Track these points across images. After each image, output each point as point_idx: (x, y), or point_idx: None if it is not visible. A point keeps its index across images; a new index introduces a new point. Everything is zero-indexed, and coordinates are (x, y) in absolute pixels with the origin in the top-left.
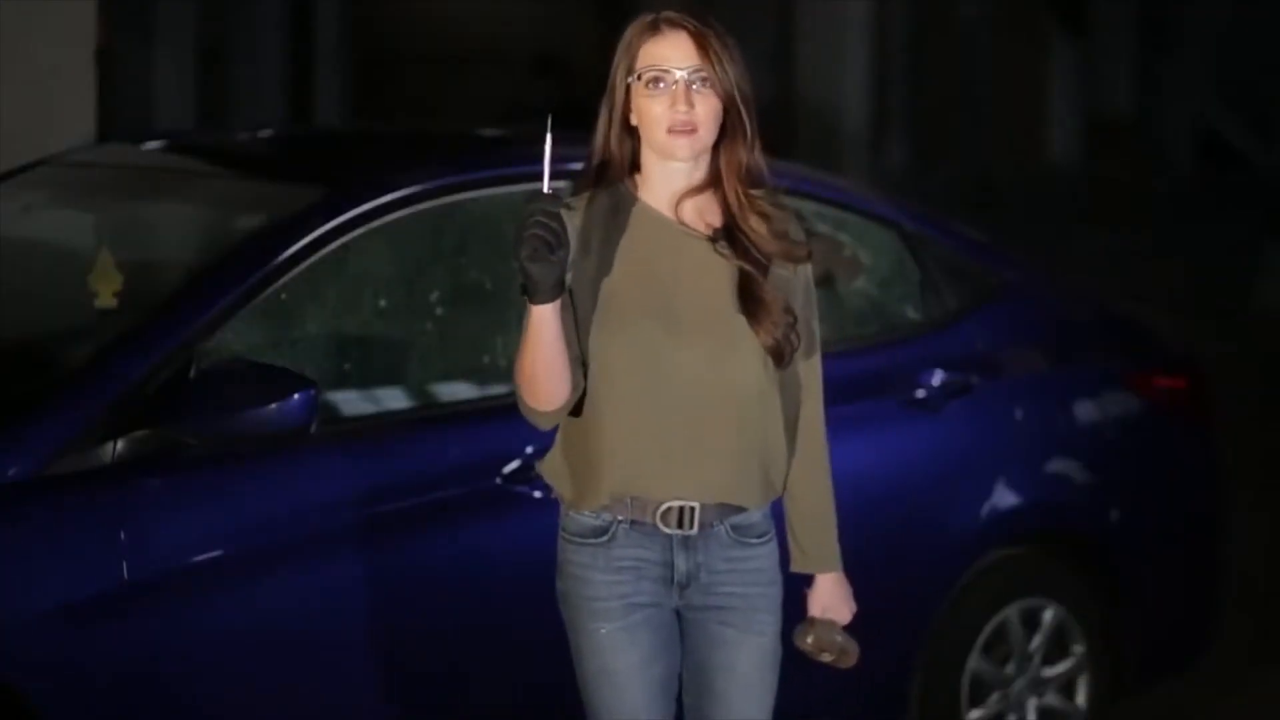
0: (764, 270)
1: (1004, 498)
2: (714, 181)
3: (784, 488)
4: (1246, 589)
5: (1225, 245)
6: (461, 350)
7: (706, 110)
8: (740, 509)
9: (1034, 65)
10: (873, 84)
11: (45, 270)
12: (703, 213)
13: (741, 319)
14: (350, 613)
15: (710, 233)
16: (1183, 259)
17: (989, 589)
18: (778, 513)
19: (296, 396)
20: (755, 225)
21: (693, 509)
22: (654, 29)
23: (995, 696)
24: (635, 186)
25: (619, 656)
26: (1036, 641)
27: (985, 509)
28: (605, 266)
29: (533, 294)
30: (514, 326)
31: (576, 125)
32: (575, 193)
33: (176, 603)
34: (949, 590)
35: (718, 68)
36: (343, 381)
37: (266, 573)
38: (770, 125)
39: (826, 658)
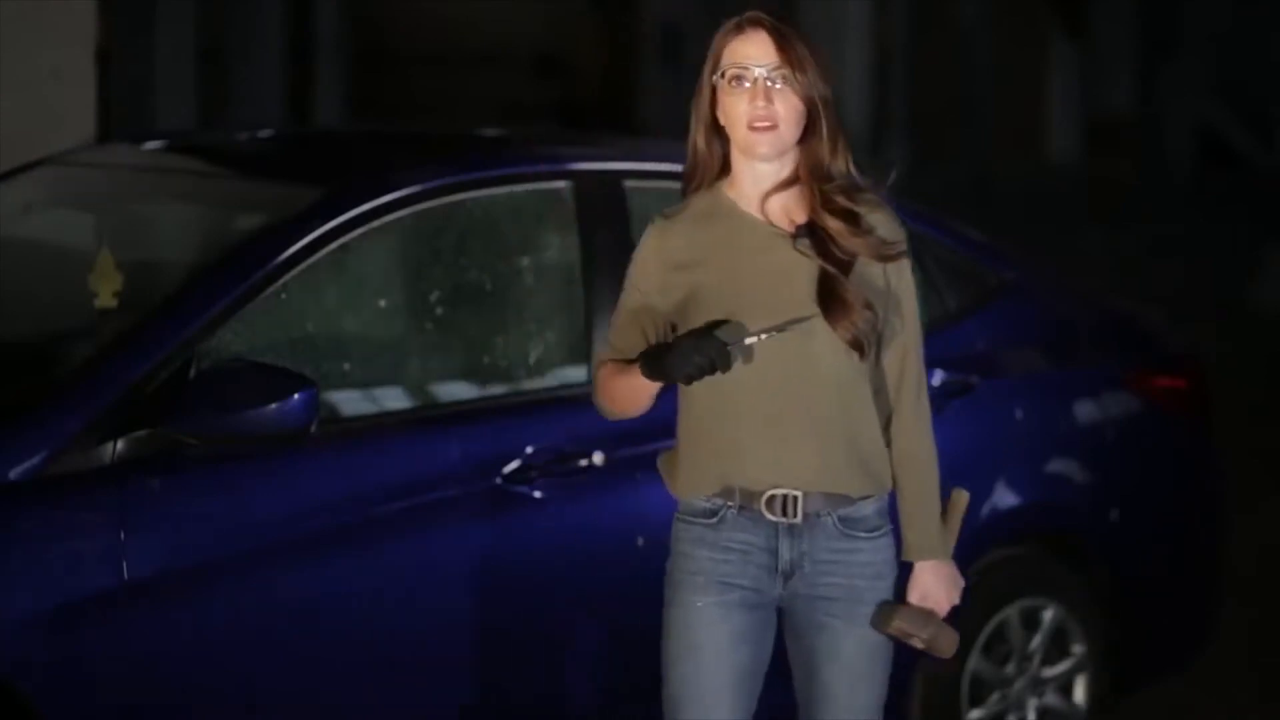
0: (845, 267)
1: (1004, 498)
2: (800, 180)
3: (883, 480)
4: (1246, 588)
5: (1225, 245)
6: (461, 350)
7: (786, 108)
8: (847, 500)
9: (1034, 65)
10: (873, 84)
11: (45, 270)
12: (789, 211)
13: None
14: (350, 613)
15: (793, 230)
16: (1182, 259)
17: (989, 589)
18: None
19: (296, 396)
20: (833, 224)
21: (795, 497)
22: (738, 30)
23: (995, 696)
24: (728, 187)
25: (708, 632)
26: (1036, 641)
27: (985, 509)
28: (699, 267)
29: (653, 379)
30: (514, 326)
31: (577, 125)
32: (683, 196)
33: (176, 603)
34: None
35: (796, 68)
36: (343, 381)
37: (266, 573)
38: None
39: (917, 644)
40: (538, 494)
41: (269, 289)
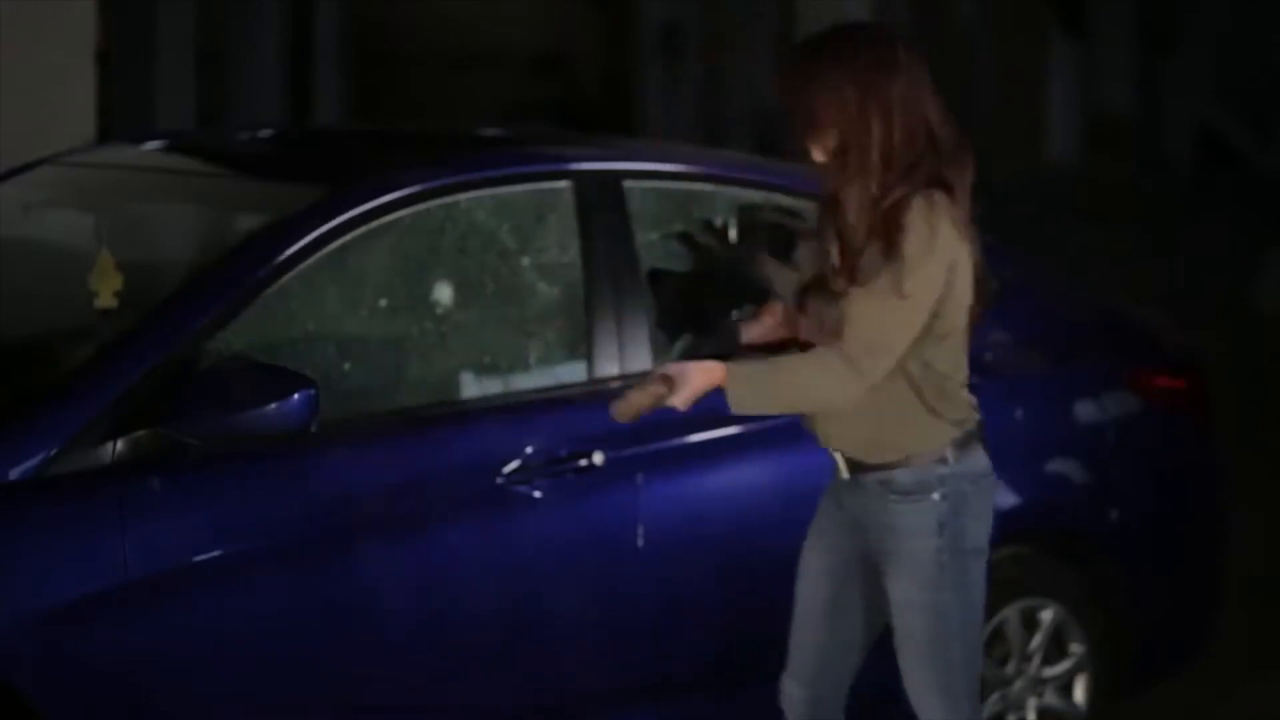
0: (857, 250)
1: (1004, 497)
2: None
3: (916, 448)
4: (1246, 589)
5: (1225, 245)
6: (461, 350)
7: None
8: (876, 465)
9: (1034, 65)
10: None
11: (45, 270)
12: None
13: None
14: (350, 612)
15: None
16: (1182, 259)
17: (989, 589)
18: None
19: (296, 396)
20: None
21: (837, 456)
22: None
23: (995, 696)
24: None
25: (805, 568)
26: (1036, 641)
27: None
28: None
29: None
30: (513, 326)
31: (577, 125)
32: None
33: (177, 602)
34: None
35: None
36: (343, 381)
37: (266, 573)
38: (770, 126)
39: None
40: (538, 494)
41: (269, 289)
